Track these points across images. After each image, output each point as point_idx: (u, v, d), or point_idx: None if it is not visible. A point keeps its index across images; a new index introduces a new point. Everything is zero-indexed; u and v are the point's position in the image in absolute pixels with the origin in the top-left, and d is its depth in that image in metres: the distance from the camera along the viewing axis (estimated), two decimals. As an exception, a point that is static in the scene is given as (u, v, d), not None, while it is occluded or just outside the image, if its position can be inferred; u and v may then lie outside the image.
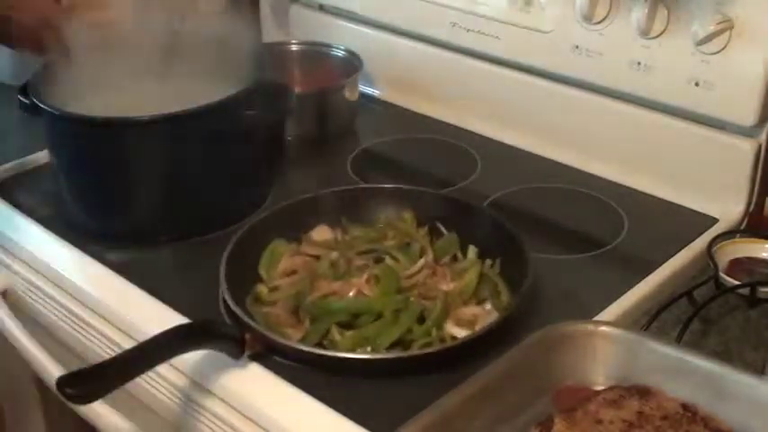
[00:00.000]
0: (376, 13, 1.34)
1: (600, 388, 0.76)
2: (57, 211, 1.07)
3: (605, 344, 0.78)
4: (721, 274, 0.94)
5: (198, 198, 1.03)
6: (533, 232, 0.98)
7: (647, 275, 0.94)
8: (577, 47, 1.12)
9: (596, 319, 0.86)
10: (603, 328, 0.79)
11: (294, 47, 1.37)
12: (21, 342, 1.00)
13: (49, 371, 0.96)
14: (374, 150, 1.24)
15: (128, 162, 1.01)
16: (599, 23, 1.09)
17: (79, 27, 1.02)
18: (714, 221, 1.04)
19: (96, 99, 1.04)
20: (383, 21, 1.33)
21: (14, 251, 1.05)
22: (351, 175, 1.16)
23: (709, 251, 0.97)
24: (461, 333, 0.85)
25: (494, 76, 1.23)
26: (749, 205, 1.05)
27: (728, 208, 1.05)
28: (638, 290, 0.92)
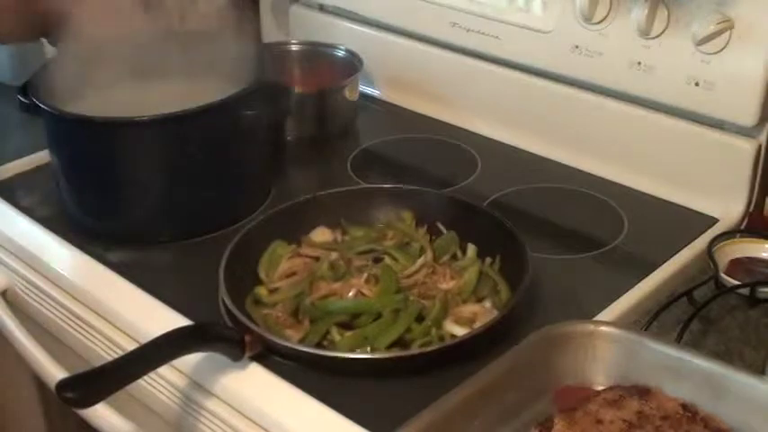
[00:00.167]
0: (376, 13, 1.34)
1: (600, 388, 0.76)
2: (57, 211, 1.07)
3: (605, 344, 0.78)
4: (721, 274, 0.94)
5: (198, 198, 1.03)
6: (533, 232, 0.98)
7: (647, 275, 0.94)
8: (577, 47, 1.11)
9: (596, 319, 0.86)
10: (603, 328, 0.79)
11: (294, 47, 1.36)
12: (21, 342, 1.00)
13: (49, 371, 0.96)
14: (374, 150, 1.24)
15: (128, 162, 1.01)
16: (599, 23, 1.09)
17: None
18: (714, 221, 1.04)
19: (96, 99, 1.04)
20: (383, 21, 1.33)
21: (14, 251, 1.05)
22: (351, 175, 1.16)
23: (710, 251, 0.97)
24: (461, 331, 0.85)
25: (494, 76, 1.23)
26: (749, 205, 1.05)
27: (728, 208, 1.05)
28: (638, 290, 0.92)
